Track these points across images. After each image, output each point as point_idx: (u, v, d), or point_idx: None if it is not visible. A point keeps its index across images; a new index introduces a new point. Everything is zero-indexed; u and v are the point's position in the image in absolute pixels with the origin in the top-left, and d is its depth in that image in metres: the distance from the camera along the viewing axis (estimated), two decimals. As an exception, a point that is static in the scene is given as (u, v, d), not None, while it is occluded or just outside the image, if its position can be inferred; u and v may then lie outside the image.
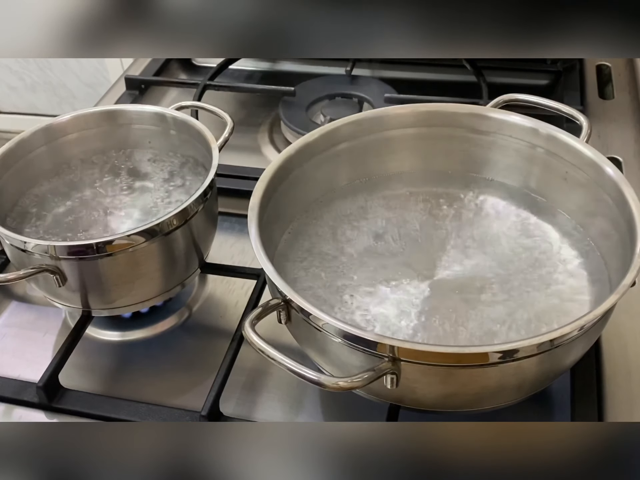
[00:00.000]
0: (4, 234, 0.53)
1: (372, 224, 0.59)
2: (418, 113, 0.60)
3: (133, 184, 0.63)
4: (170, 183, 0.62)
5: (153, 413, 0.53)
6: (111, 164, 0.65)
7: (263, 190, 0.53)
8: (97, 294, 0.55)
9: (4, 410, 0.55)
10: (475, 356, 0.42)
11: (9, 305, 0.64)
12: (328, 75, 0.88)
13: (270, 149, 0.81)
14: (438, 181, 0.62)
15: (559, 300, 0.52)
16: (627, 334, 0.57)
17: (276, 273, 0.46)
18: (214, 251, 0.63)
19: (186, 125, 0.62)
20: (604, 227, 0.53)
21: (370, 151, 0.61)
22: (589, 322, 0.42)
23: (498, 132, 0.59)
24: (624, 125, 0.78)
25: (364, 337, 0.42)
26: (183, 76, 0.95)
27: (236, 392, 0.55)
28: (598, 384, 0.53)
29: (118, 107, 0.66)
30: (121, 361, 0.59)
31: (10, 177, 0.60)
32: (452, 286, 0.53)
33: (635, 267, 0.44)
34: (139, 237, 0.52)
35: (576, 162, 0.55)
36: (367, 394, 0.48)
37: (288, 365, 0.42)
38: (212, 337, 0.60)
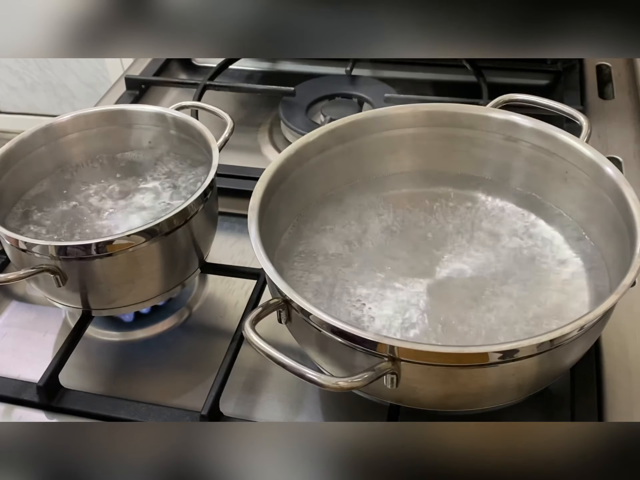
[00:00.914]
0: (4, 234, 0.53)
1: (372, 224, 0.59)
2: (418, 113, 0.60)
3: (133, 184, 0.63)
4: (170, 183, 0.62)
5: (153, 413, 0.53)
6: (111, 164, 0.65)
7: (263, 190, 0.53)
8: (97, 294, 0.55)
9: (4, 410, 0.55)
10: (475, 356, 0.42)
11: (9, 305, 0.64)
12: (328, 75, 0.88)
13: (270, 149, 0.81)
14: (438, 181, 0.62)
15: (558, 300, 0.52)
16: (627, 334, 0.57)
17: (276, 273, 0.46)
18: (214, 251, 0.63)
19: (186, 125, 0.62)
20: (604, 227, 0.53)
21: (370, 151, 0.61)
22: (589, 322, 0.42)
23: (498, 132, 0.59)
24: (624, 125, 0.78)
25: (364, 337, 0.42)
26: (183, 76, 0.95)
27: (236, 392, 0.55)
28: (598, 384, 0.53)
29: (118, 107, 0.66)
30: (121, 361, 0.59)
31: (10, 177, 0.60)
32: (452, 286, 0.53)
33: (635, 267, 0.44)
34: (139, 237, 0.52)
35: (576, 162, 0.55)
36: (367, 394, 0.48)
37: (288, 365, 0.42)
38: (212, 337, 0.60)
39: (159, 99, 0.89)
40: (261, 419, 0.54)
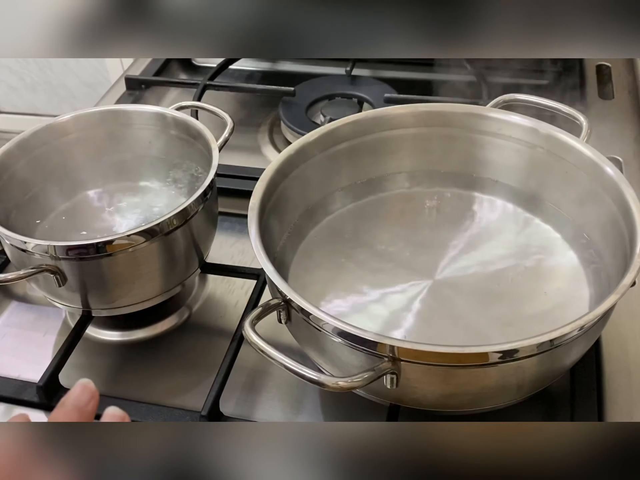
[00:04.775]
0: (4, 234, 0.53)
1: (371, 224, 0.59)
2: (418, 113, 0.60)
3: (133, 184, 0.63)
4: (170, 183, 0.62)
5: (153, 413, 0.53)
6: (111, 164, 0.65)
7: (263, 190, 0.53)
8: (97, 294, 0.55)
9: (4, 410, 0.55)
10: (475, 356, 0.42)
11: (9, 305, 0.64)
12: (328, 75, 0.89)
13: (270, 149, 0.81)
14: (438, 181, 0.62)
15: (558, 300, 0.52)
16: (627, 334, 0.57)
17: (276, 273, 0.46)
18: (214, 251, 0.63)
19: (186, 125, 0.62)
20: (604, 227, 0.53)
21: (370, 151, 0.61)
22: (589, 322, 0.43)
23: (498, 132, 0.59)
24: (624, 125, 0.78)
25: (364, 337, 0.42)
26: (183, 76, 0.95)
27: (236, 392, 0.55)
28: (598, 384, 0.53)
29: (118, 107, 0.66)
30: (121, 361, 0.59)
31: (11, 177, 0.60)
32: (452, 286, 0.53)
33: (635, 267, 0.44)
34: (139, 237, 0.52)
35: (576, 162, 0.55)
36: (367, 394, 0.48)
37: (288, 365, 0.42)
38: (212, 337, 0.60)
39: (159, 99, 0.89)
40: (261, 419, 0.54)
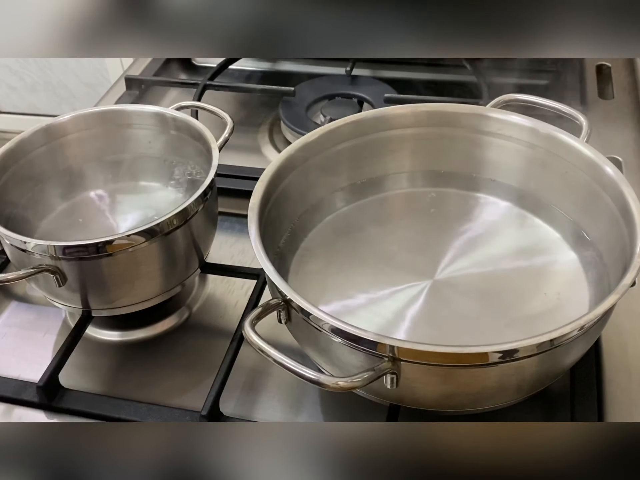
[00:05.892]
0: (4, 234, 0.53)
1: (372, 224, 0.59)
2: (418, 113, 0.60)
3: (133, 184, 0.63)
4: (170, 183, 0.62)
5: (153, 413, 0.53)
6: (111, 164, 0.65)
7: (263, 190, 0.53)
8: (97, 294, 0.55)
9: (4, 410, 0.55)
10: (475, 356, 0.42)
11: (9, 305, 0.64)
12: (328, 75, 0.88)
13: (270, 149, 0.81)
14: (438, 181, 0.62)
15: (558, 300, 0.52)
16: (627, 334, 0.57)
17: (276, 273, 0.46)
18: (214, 251, 0.63)
19: (186, 125, 0.62)
20: (604, 227, 0.53)
21: (370, 151, 0.61)
22: (589, 322, 0.42)
23: (498, 132, 0.59)
24: (624, 125, 0.78)
25: (364, 337, 0.42)
26: (183, 76, 0.95)
27: (236, 392, 0.55)
28: (598, 384, 0.53)
29: (118, 107, 0.66)
30: (121, 361, 0.59)
31: (10, 177, 0.60)
32: (452, 286, 0.53)
33: (635, 267, 0.44)
34: (139, 237, 0.52)
35: (576, 162, 0.55)
36: (367, 394, 0.48)
37: (288, 365, 0.42)
38: (212, 337, 0.60)
39: (159, 99, 0.89)
40: (261, 419, 0.54)
